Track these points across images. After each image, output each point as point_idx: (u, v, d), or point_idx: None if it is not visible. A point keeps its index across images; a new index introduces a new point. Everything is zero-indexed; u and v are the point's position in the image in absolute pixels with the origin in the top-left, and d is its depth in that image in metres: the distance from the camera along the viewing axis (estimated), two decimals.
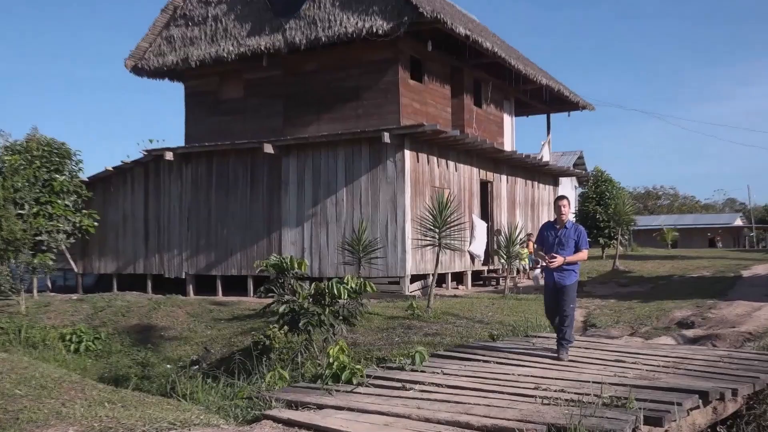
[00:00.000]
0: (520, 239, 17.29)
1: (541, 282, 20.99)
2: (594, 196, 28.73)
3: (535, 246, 8.30)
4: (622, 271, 21.86)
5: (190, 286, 18.14)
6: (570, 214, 8.12)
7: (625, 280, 19.40)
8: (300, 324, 8.20)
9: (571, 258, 7.81)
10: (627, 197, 28.80)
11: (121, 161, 19.23)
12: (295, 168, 17.14)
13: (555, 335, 10.00)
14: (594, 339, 9.89)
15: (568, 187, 40.48)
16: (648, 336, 10.46)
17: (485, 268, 19.64)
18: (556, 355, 7.91)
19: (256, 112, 18.74)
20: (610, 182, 29.24)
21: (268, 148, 16.83)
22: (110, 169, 19.46)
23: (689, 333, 10.59)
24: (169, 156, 18.29)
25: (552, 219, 8.28)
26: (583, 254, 7.91)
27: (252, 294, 16.85)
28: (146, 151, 18.78)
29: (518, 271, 20.40)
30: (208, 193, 18.34)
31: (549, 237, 7.95)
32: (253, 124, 18.67)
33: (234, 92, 19.15)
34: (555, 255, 7.76)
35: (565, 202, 7.97)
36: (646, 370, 7.34)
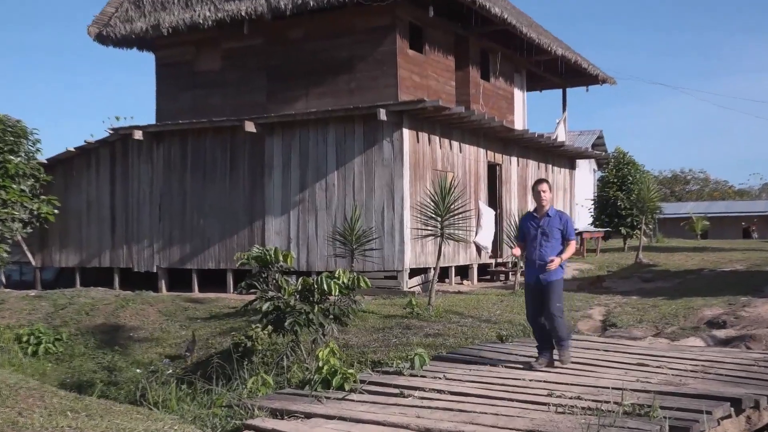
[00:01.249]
0: None
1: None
2: (615, 180, 28.75)
3: (517, 242, 8.25)
4: (645, 265, 21.91)
5: (163, 282, 18.15)
6: (557, 202, 8.27)
7: (649, 275, 19.45)
8: (286, 323, 8.21)
9: (566, 255, 7.79)
10: (652, 182, 28.81)
11: (85, 141, 19.16)
12: (280, 149, 17.12)
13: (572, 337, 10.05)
14: (614, 340, 9.93)
15: (585, 171, 40.61)
16: (674, 337, 10.51)
17: (493, 260, 19.68)
18: (535, 363, 7.74)
19: (236, 86, 18.67)
20: (633, 165, 29.25)
21: (250, 127, 16.79)
22: (72, 150, 19.40)
23: (720, 333, 10.64)
24: (138, 135, 18.24)
25: (532, 209, 8.20)
26: (572, 246, 7.81)
27: (232, 290, 16.86)
28: (113, 129, 18.71)
29: None
30: (182, 177, 18.32)
31: (531, 229, 7.89)
32: (233, 99, 18.61)
33: (211, 63, 19.07)
34: (553, 258, 7.70)
35: (544, 186, 7.90)
36: (672, 375, 7.38)
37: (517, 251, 7.99)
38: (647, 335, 10.72)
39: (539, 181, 7.93)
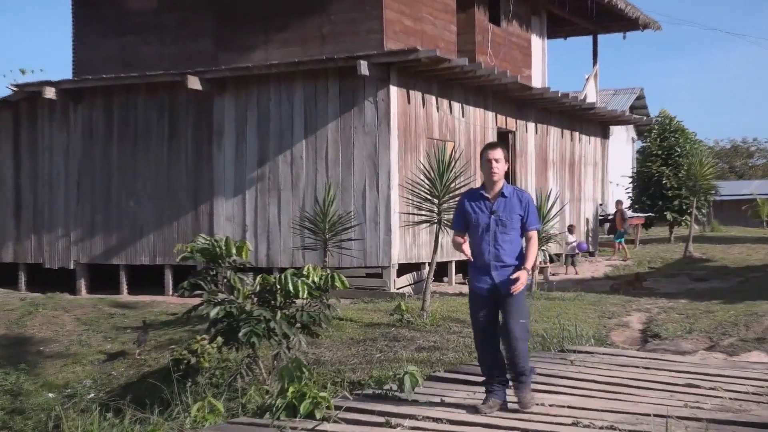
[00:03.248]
0: (553, 214, 17.34)
1: (577, 253, 21.65)
2: (659, 152, 28.88)
3: (457, 232, 7.28)
4: (697, 259, 22.05)
5: (82, 281, 18.08)
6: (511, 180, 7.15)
7: (701, 272, 19.56)
8: (240, 334, 8.18)
9: (532, 258, 7.05)
10: (706, 154, 29.02)
11: None
12: (233, 112, 17.04)
13: (599, 351, 10.10)
14: (657, 355, 9.98)
15: (622, 140, 40.83)
16: (733, 351, 10.57)
17: None
18: (482, 405, 7.01)
19: (175, 30, 18.54)
20: (683, 133, 29.36)
21: (194, 83, 16.69)
22: None
23: None
24: (50, 94, 18.08)
25: (478, 186, 7.43)
26: (535, 237, 7.14)
27: (171, 292, 16.84)
28: (16, 86, 18.53)
29: (550, 260, 20.51)
30: (106, 148, 18.22)
31: (479, 214, 7.05)
32: (172, 47, 18.48)
33: (144, 1, 18.91)
34: (519, 273, 6.87)
35: (497, 153, 7.04)
36: (730, 399, 7.42)
37: (467, 248, 7.04)
38: (698, 348, 10.77)
39: (490, 147, 7.15)
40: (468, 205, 7.13)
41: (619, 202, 24.33)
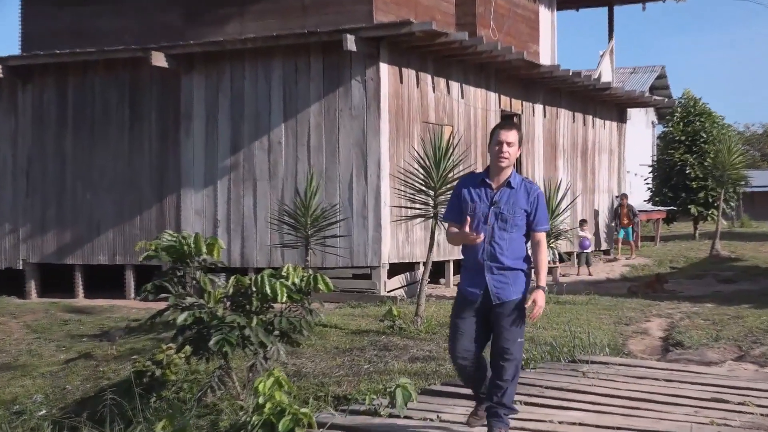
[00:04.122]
0: (564, 207, 17.35)
1: (587, 246, 21.56)
2: (682, 138, 29.00)
3: (449, 222, 6.88)
4: (725, 259, 22.13)
5: (32, 283, 18.02)
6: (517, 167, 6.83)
7: (729, 273, 19.61)
8: (211, 343, 8.16)
9: (544, 269, 6.71)
10: (735, 140, 29.09)
11: None
12: (203, 92, 17.01)
13: (615, 361, 10.11)
14: (680, 366, 9.99)
15: (641, 124, 40.90)
16: (765, 361, 10.60)
17: None
18: (472, 418, 6.86)
19: (138, 0, 18.47)
20: (709, 116, 29.49)
21: (159, 60, 16.64)
22: None
23: None
24: None
25: (481, 170, 6.95)
26: (544, 240, 6.72)
27: (133, 295, 16.79)
28: None
29: (560, 259, 20.54)
30: (60, 134, 18.18)
31: (477, 202, 6.66)
32: (135, 19, 18.45)
33: None
34: (533, 296, 6.56)
35: (511, 136, 6.63)
36: (762, 416, 7.43)
37: (475, 236, 6.51)
38: (726, 359, 10.79)
39: (504, 126, 6.74)
40: (466, 190, 6.70)
41: (624, 196, 24.28)
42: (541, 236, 6.68)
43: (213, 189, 16.86)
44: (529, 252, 6.72)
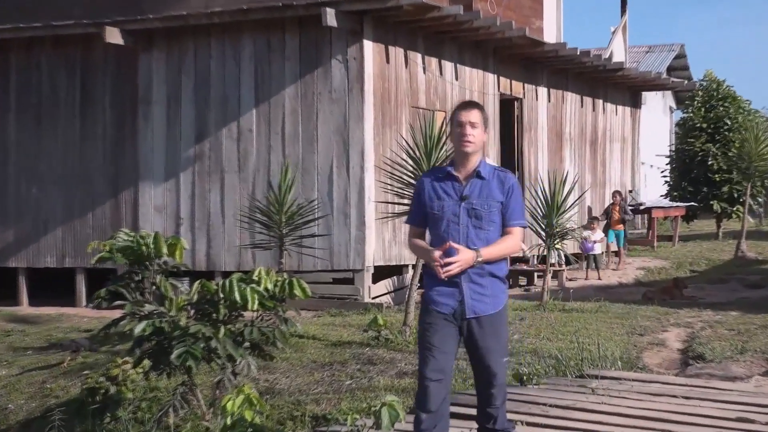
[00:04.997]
0: (571, 203, 17.38)
1: (595, 249, 21.44)
2: (704, 125, 29.05)
3: (413, 226, 6.67)
4: (752, 261, 22.18)
5: None
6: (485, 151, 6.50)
7: (757, 277, 19.63)
8: (173, 356, 8.12)
9: (496, 251, 6.36)
10: (764, 128, 29.10)
11: None
12: (164, 73, 16.99)
13: (628, 376, 10.10)
14: (701, 381, 10.00)
15: (657, 110, 41.00)
16: None
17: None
18: None
19: None
20: (734, 101, 29.54)
21: (114, 36, 16.60)
22: None
23: None
24: None
25: (447, 164, 6.79)
26: (517, 237, 6.44)
27: (85, 302, 16.78)
28: None
29: (567, 262, 20.55)
30: (2, 121, 18.18)
31: (444, 200, 6.43)
32: None
33: None
34: (457, 247, 6.22)
35: (473, 115, 6.42)
36: None
37: (440, 267, 6.21)
38: (753, 373, 10.80)
39: (464, 106, 6.54)
40: (429, 187, 6.48)
41: (617, 193, 23.81)
42: (515, 230, 6.40)
43: (175, 182, 16.82)
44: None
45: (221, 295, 8.36)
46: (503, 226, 6.38)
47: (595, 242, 21.38)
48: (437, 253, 6.20)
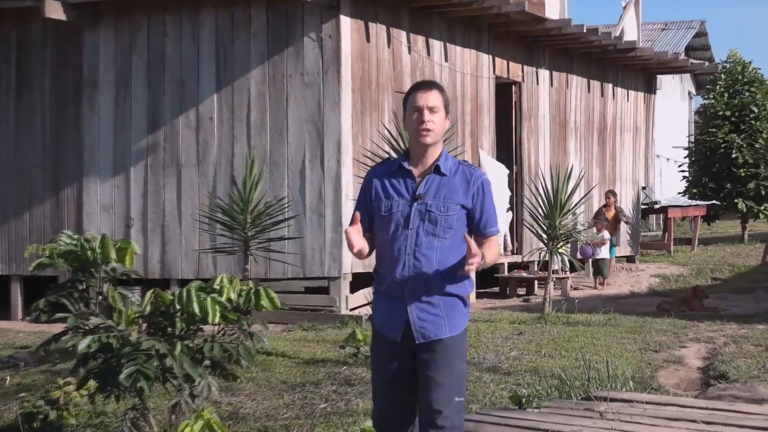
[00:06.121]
0: (576, 202, 17.43)
1: (598, 252, 21.34)
2: (727, 113, 29.13)
3: (352, 233, 6.00)
4: None
5: None
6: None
7: None
8: (122, 376, 8.10)
9: (493, 255, 6.05)
10: None
11: None
12: (112, 54, 16.96)
13: (641, 398, 10.14)
14: (724, 404, 10.03)
15: (675, 96, 41.13)
16: None
17: (505, 260, 19.78)
18: None
19: None
20: (761, 85, 29.63)
21: (55, 11, 16.53)
22: None
23: None
24: None
25: (399, 157, 6.39)
26: (497, 247, 6.14)
27: (21, 314, 16.74)
28: None
29: (571, 268, 20.60)
30: None
31: (393, 198, 6.03)
32: None
33: None
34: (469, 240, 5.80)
35: (432, 98, 5.97)
36: None
37: (353, 244, 5.89)
38: None
39: (421, 87, 6.09)
40: (377, 183, 6.09)
41: (611, 193, 23.29)
42: (494, 241, 6.04)
43: (125, 178, 16.79)
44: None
45: (178, 307, 8.35)
46: (478, 235, 5.97)
47: (595, 245, 21.32)
48: (351, 231, 5.81)
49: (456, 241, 5.88)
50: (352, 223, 5.90)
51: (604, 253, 21.39)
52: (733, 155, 28.22)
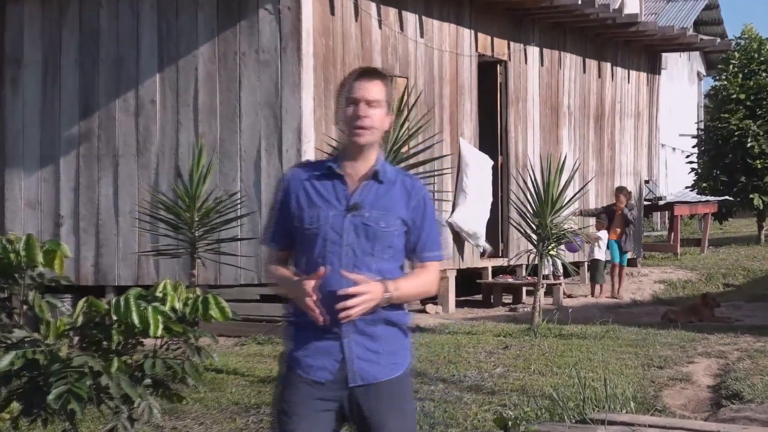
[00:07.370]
0: (570, 197, 17.49)
1: (597, 253, 21.27)
2: (742, 96, 29.27)
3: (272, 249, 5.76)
4: None
5: None
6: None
7: None
8: (51, 397, 8.11)
9: (414, 286, 5.63)
10: None
11: None
12: (39, 27, 16.99)
13: (643, 421, 10.21)
14: (737, 427, 10.11)
15: (682, 77, 41.27)
16: None
17: (488, 264, 19.83)
18: None
19: None
20: None
21: None
22: None
23: None
24: None
25: (330, 158, 5.92)
26: (435, 275, 5.70)
27: None
28: None
29: (565, 273, 20.66)
30: None
31: (321, 208, 5.55)
32: None
33: None
34: (353, 276, 5.34)
35: (374, 90, 5.57)
36: None
37: (308, 283, 5.31)
38: None
39: (362, 75, 5.62)
40: (300, 189, 5.61)
41: (623, 194, 22.66)
42: (432, 266, 5.66)
43: (54, 170, 16.77)
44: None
45: (114, 317, 8.34)
46: (415, 258, 5.64)
47: (586, 242, 21.11)
48: (309, 284, 5.29)
49: (395, 262, 5.56)
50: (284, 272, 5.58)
51: (598, 254, 21.28)
52: (749, 144, 28.33)
